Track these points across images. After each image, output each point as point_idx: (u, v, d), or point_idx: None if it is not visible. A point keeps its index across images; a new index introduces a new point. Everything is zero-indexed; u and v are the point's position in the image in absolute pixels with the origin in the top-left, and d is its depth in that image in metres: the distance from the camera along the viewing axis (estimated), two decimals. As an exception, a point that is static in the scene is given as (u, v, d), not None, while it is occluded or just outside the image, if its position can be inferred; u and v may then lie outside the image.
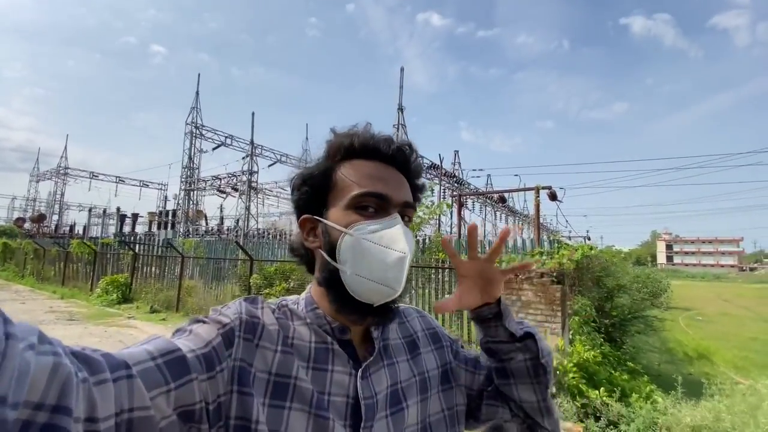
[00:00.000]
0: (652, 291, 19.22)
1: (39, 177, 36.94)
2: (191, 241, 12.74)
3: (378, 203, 0.64)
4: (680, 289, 31.01)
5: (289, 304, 0.68)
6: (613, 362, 6.49)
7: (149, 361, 0.47)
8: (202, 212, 27.36)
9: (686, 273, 65.93)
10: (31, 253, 19.01)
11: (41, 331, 0.36)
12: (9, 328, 0.32)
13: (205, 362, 0.52)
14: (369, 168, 0.66)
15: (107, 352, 0.44)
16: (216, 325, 0.57)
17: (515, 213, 30.45)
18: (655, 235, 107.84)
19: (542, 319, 5.03)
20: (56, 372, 0.35)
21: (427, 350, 0.75)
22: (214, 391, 0.52)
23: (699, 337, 13.78)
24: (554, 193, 11.13)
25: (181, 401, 0.48)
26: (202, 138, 24.15)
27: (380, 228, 0.62)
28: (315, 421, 0.57)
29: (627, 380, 5.59)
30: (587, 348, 5.37)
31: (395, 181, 0.67)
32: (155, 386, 0.46)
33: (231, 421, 0.53)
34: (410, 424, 0.65)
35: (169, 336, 0.56)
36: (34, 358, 0.33)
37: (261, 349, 0.59)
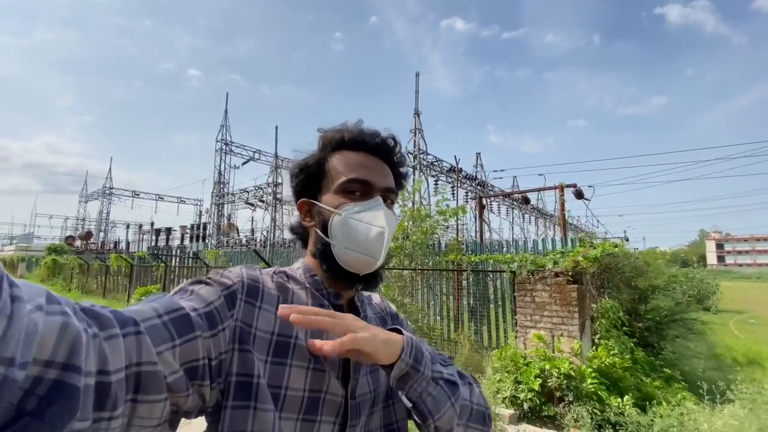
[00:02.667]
0: (698, 293, 18.02)
1: (87, 198, 39.55)
2: (213, 252, 13.18)
3: (363, 188, 0.73)
4: (732, 290, 28.91)
5: (287, 271, 0.76)
6: (646, 369, 6.03)
7: (156, 318, 0.50)
8: (233, 225, 28.25)
9: (740, 273, 61.24)
10: (76, 268, 20.30)
11: (49, 292, 0.37)
12: (15, 291, 0.32)
13: (207, 320, 0.56)
14: (356, 158, 0.75)
15: (115, 309, 0.46)
16: (219, 286, 0.62)
17: (544, 214, 29.44)
18: (704, 234, 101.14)
19: (558, 321, 4.74)
20: (65, 331, 0.36)
21: (391, 325, 0.81)
22: (216, 348, 0.56)
23: (751, 341, 12.62)
24: (580, 191, 10.65)
25: (186, 357, 0.51)
26: (232, 154, 25.09)
27: (364, 209, 0.71)
28: (313, 373, 0.64)
29: (659, 387, 5.17)
30: (613, 353, 5.02)
31: (379, 169, 0.75)
32: (162, 342, 0.49)
33: (231, 378, 0.57)
34: (382, 384, 0.74)
35: (171, 295, 0.59)
36: (42, 318, 0.34)
37: (263, 311, 0.64)
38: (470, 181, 21.81)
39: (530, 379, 4.26)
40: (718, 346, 11.65)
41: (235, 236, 27.25)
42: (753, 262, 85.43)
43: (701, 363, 8.63)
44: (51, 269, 23.60)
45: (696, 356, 9.21)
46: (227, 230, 26.32)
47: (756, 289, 33.58)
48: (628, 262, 7.56)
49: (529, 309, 4.99)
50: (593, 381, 4.09)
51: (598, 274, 6.93)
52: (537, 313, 4.91)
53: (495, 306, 6.68)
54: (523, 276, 5.24)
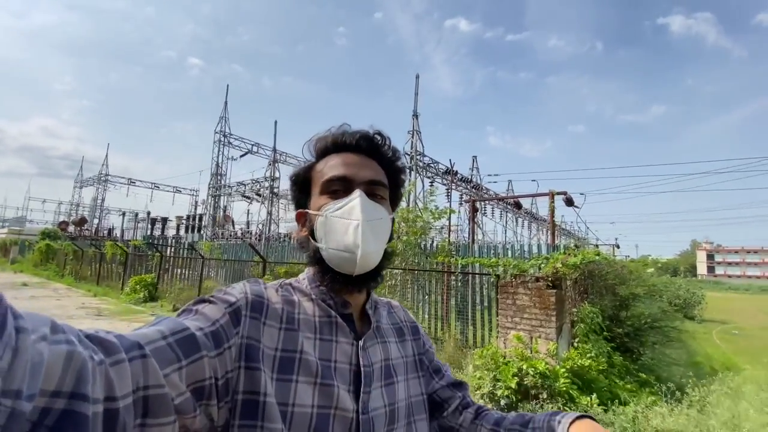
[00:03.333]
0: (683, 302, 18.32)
1: (82, 183, 39.29)
2: (209, 244, 13.32)
3: (343, 185, 0.72)
4: (719, 301, 29.37)
5: (292, 283, 0.76)
6: (622, 372, 6.29)
7: (161, 341, 0.50)
8: (229, 217, 28.34)
9: (729, 285, 61.95)
10: (70, 254, 20.32)
11: (54, 321, 0.37)
12: (19, 323, 0.32)
13: (213, 340, 0.55)
14: (336, 159, 0.75)
15: (120, 334, 0.46)
16: (223, 304, 0.61)
17: (536, 219, 29.79)
18: (695, 244, 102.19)
19: (536, 323, 4.98)
20: (71, 359, 0.36)
21: (409, 338, 0.84)
22: (223, 367, 0.55)
23: (731, 351, 12.98)
24: (570, 198, 10.90)
25: (192, 378, 0.51)
26: (230, 146, 25.13)
27: (342, 204, 0.70)
28: (320, 389, 0.62)
29: (632, 390, 5.42)
30: (589, 356, 5.27)
31: (359, 164, 0.74)
32: (168, 364, 0.48)
33: (238, 396, 0.57)
34: (400, 399, 0.72)
35: (176, 316, 0.59)
36: (47, 348, 0.34)
37: (267, 327, 0.63)
38: (465, 184, 22.05)
39: (508, 377, 4.48)
40: (699, 355, 11.97)
41: (230, 228, 27.35)
42: (742, 273, 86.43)
43: (679, 370, 8.93)
44: (44, 254, 23.57)
45: (675, 363, 9.50)
46: (223, 222, 26.42)
47: (743, 301, 34.11)
48: (611, 270, 7.82)
49: (510, 311, 5.23)
50: (565, 381, 4.33)
51: (582, 280, 7.19)
52: (517, 315, 5.15)
53: (480, 307, 6.92)
54: (506, 279, 5.47)
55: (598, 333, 6.30)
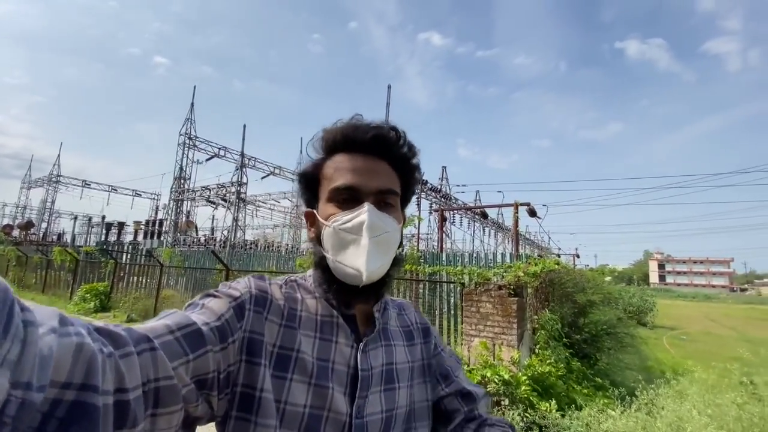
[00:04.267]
0: (637, 309, 19.29)
1: (31, 184, 36.73)
2: (169, 251, 12.74)
3: (350, 194, 0.69)
4: (669, 308, 31.16)
5: (298, 279, 0.75)
6: (579, 377, 6.52)
7: (168, 335, 0.51)
8: (192, 223, 27.29)
9: (678, 293, 65.95)
10: (14, 260, 18.82)
11: (62, 314, 0.38)
12: (27, 315, 0.33)
13: (218, 334, 0.56)
14: (345, 161, 0.70)
15: (129, 327, 0.48)
16: (227, 298, 0.62)
17: (502, 228, 30.65)
18: (648, 254, 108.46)
19: (499, 331, 5.08)
20: (80, 351, 0.36)
21: (418, 342, 0.81)
22: (225, 361, 0.56)
23: (680, 355, 13.77)
24: (533, 209, 11.29)
25: (197, 371, 0.52)
26: (195, 149, 24.31)
27: (350, 219, 0.67)
28: (315, 390, 0.62)
29: (588, 395, 5.62)
30: (549, 362, 5.42)
31: (369, 170, 0.70)
32: (176, 358, 0.49)
33: (237, 388, 0.58)
34: (400, 405, 0.70)
35: (183, 310, 0.59)
36: (56, 341, 0.35)
37: (269, 322, 0.63)
38: (435, 193, 22.39)
39: (471, 384, 4.53)
40: (650, 359, 12.62)
41: (193, 235, 26.33)
42: (690, 282, 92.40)
43: (632, 374, 9.36)
44: (-16, 260, 21.77)
45: (628, 368, 9.96)
46: (185, 228, 25.39)
47: (690, 308, 36.37)
48: (570, 278, 8.14)
49: (475, 319, 5.32)
50: (527, 387, 4.43)
51: (542, 288, 7.43)
52: (481, 323, 5.24)
53: (447, 315, 6.98)
54: (470, 288, 5.56)
55: (557, 339, 6.51)
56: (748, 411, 2.47)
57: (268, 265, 10.40)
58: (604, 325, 8.49)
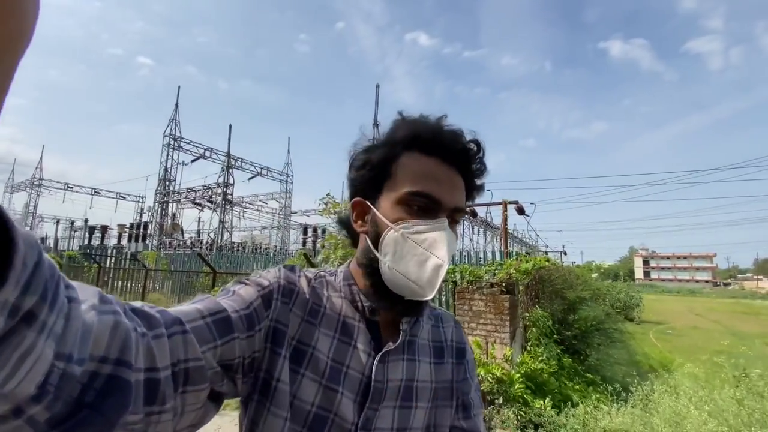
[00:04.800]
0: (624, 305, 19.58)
1: (13, 188, 35.80)
2: (153, 254, 12.49)
3: (428, 204, 0.63)
4: (655, 303, 31.77)
5: (327, 276, 0.72)
6: (570, 373, 6.54)
7: (200, 320, 0.52)
8: (178, 225, 26.83)
9: (662, 288, 67.37)
10: (-8, 266, 18.28)
11: (101, 292, 0.40)
12: (70, 292, 0.34)
13: (246, 322, 0.57)
14: (427, 165, 0.65)
15: (162, 309, 0.49)
16: (257, 287, 0.62)
17: (491, 227, 30.86)
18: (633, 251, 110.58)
19: (491, 328, 5.06)
20: (117, 329, 0.38)
21: (449, 362, 0.74)
22: (251, 347, 0.57)
23: (667, 350, 14.01)
24: (521, 207, 11.35)
25: (224, 356, 0.53)
26: (180, 150, 23.91)
27: (425, 230, 0.62)
28: (324, 391, 0.60)
29: (580, 390, 5.64)
30: (541, 359, 5.42)
31: (451, 183, 0.65)
32: (205, 342, 0.51)
33: (261, 373, 0.59)
34: (415, 427, 0.65)
35: (216, 297, 0.60)
36: (96, 317, 0.37)
37: (293, 314, 0.63)
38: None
39: (464, 383, 4.49)
40: (638, 354, 12.80)
41: (179, 237, 25.88)
42: (674, 277, 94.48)
43: (621, 369, 9.48)
44: (-40, 267, 21.07)
45: (617, 363, 10.08)
46: (171, 230, 24.94)
47: (674, 302, 37.12)
48: (560, 275, 8.19)
49: (467, 317, 5.28)
50: (520, 385, 4.40)
51: (533, 285, 7.45)
52: (474, 321, 5.20)
53: (438, 314, 6.95)
54: (462, 286, 5.53)
55: (549, 336, 6.53)
56: (748, 406, 2.45)
57: (256, 267, 10.25)
58: (593, 321, 8.58)
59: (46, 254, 0.31)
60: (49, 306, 0.30)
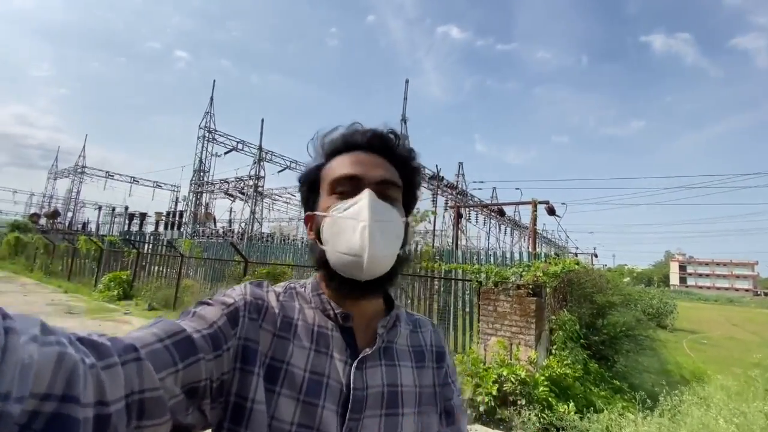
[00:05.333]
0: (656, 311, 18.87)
1: (57, 175, 37.99)
2: (189, 242, 13.03)
3: (352, 184, 0.67)
4: (690, 311, 30.39)
5: (297, 287, 0.72)
6: (596, 379, 6.44)
7: (157, 343, 0.49)
8: (211, 214, 27.81)
9: (699, 295, 64.22)
10: (41, 248, 19.54)
11: (44, 323, 0.37)
12: (8, 323, 0.32)
13: (211, 342, 0.54)
14: (347, 158, 0.69)
15: (114, 337, 0.46)
16: (220, 306, 0.60)
17: (519, 226, 30.30)
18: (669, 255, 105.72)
19: (516, 330, 5.05)
20: (62, 361, 0.35)
21: (430, 366, 0.74)
22: (219, 369, 0.54)
23: (700, 360, 13.43)
24: (552, 208, 11.12)
25: (188, 380, 0.50)
26: (215, 142, 24.69)
27: (350, 204, 0.65)
28: (303, 407, 0.58)
29: (606, 397, 5.55)
30: (566, 363, 5.37)
31: (370, 163, 0.69)
32: (164, 367, 0.47)
33: (231, 397, 0.56)
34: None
35: (175, 319, 0.57)
36: (37, 350, 0.33)
37: (263, 330, 0.61)
38: (451, 190, 22.24)
39: (489, 383, 4.53)
40: (670, 363, 12.35)
41: (212, 226, 26.84)
42: (712, 285, 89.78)
43: (651, 377, 9.19)
44: (13, 247, 22.60)
45: (646, 371, 9.78)
46: (204, 219, 25.89)
47: (711, 311, 35.37)
48: (589, 279, 8.02)
49: (491, 317, 5.29)
50: (544, 388, 4.40)
51: (561, 288, 7.34)
52: (498, 322, 5.21)
53: (462, 313, 6.98)
54: (488, 286, 5.54)
55: (575, 341, 6.44)
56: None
57: (285, 258, 10.54)
58: (623, 327, 8.35)
59: None
60: None
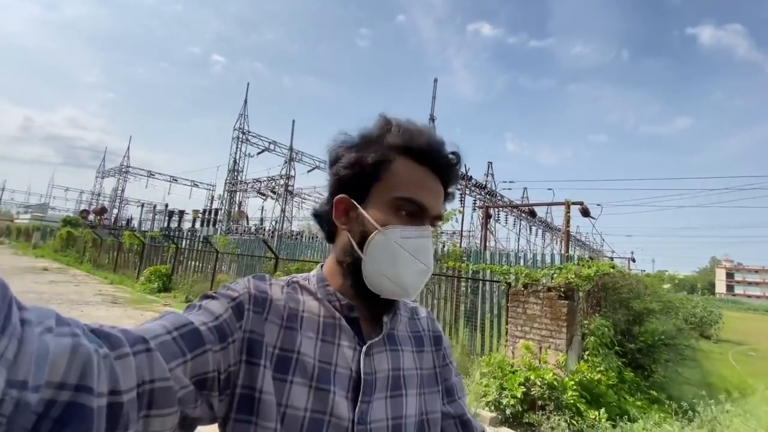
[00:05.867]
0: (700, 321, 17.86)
1: (104, 174, 40.40)
2: (224, 238, 13.54)
3: (416, 210, 0.66)
4: (737, 321, 28.53)
5: (300, 281, 0.72)
6: (632, 388, 6.19)
7: (165, 335, 0.50)
8: (243, 213, 28.73)
9: (748, 305, 60.09)
10: (90, 242, 20.92)
11: (58, 314, 0.38)
12: (24, 314, 0.33)
13: (217, 334, 0.55)
14: (419, 174, 0.67)
15: (125, 328, 0.47)
16: (225, 299, 0.60)
17: (551, 228, 29.41)
18: (715, 261, 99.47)
19: (546, 334, 4.94)
20: (76, 352, 0.36)
21: (429, 349, 0.77)
22: (226, 361, 0.55)
23: (747, 373, 12.59)
24: (586, 209, 10.75)
25: (196, 371, 0.51)
26: (248, 143, 25.50)
27: (413, 236, 0.64)
28: (315, 393, 0.59)
29: (642, 407, 5.34)
30: (599, 370, 5.20)
31: (436, 193, 0.68)
32: (173, 358, 0.48)
33: (237, 389, 0.57)
34: (409, 414, 0.67)
35: (181, 312, 0.59)
36: (52, 340, 0.35)
37: (269, 323, 0.62)
38: (480, 190, 21.91)
39: (514, 386, 4.46)
40: (713, 375, 11.66)
41: (244, 224, 27.73)
42: (763, 294, 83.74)
43: (692, 390, 8.72)
44: (65, 241, 24.30)
45: (687, 382, 9.28)
46: (237, 217, 26.79)
47: (762, 322, 33.04)
48: (626, 284, 7.70)
49: (521, 320, 5.20)
50: (574, 393, 4.29)
51: (595, 293, 7.10)
52: (527, 325, 5.11)
53: (490, 315, 6.89)
54: (517, 288, 5.44)
55: (609, 347, 6.21)
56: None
57: (313, 255, 10.76)
58: (662, 335, 7.97)
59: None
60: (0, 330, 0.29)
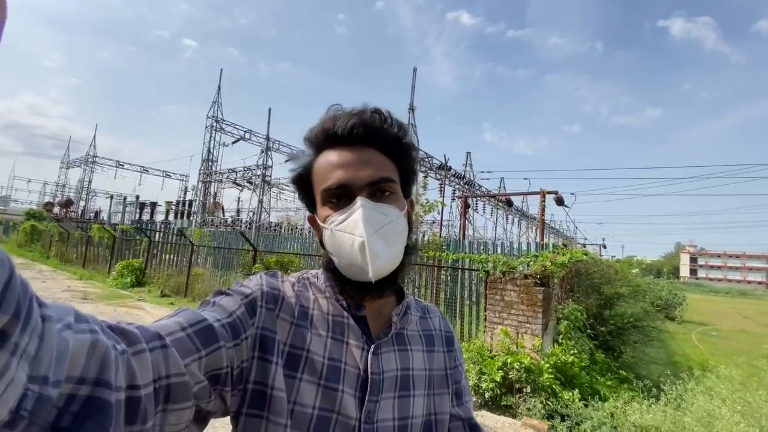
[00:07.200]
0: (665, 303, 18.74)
1: (69, 164, 38.52)
2: (199, 231, 13.22)
3: (342, 192, 0.65)
4: (700, 303, 30.10)
5: (310, 277, 0.73)
6: (603, 369, 6.47)
7: (180, 332, 0.51)
8: (219, 204, 28.07)
9: (710, 287, 63.42)
10: (56, 236, 20.02)
11: (77, 311, 0.39)
12: (44, 311, 0.33)
13: (231, 330, 0.56)
14: (331, 158, 0.66)
15: (141, 325, 0.48)
16: (239, 296, 0.61)
17: (527, 216, 30.12)
18: (679, 247, 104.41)
19: (523, 319, 5.08)
20: (95, 348, 0.37)
21: (440, 350, 0.77)
22: (239, 357, 0.56)
23: (709, 352, 13.36)
24: (561, 198, 11.04)
25: (210, 367, 0.52)
26: (222, 132, 24.77)
27: (344, 218, 0.64)
28: (324, 392, 0.60)
29: (611, 387, 5.59)
30: (572, 352, 5.40)
31: (357, 161, 0.65)
32: (188, 354, 0.50)
33: (249, 385, 0.58)
34: (416, 415, 0.67)
35: (187, 306, 0.60)
36: (72, 336, 0.36)
37: (281, 320, 0.63)
38: (458, 180, 22.14)
39: (493, 370, 4.58)
40: (677, 354, 12.31)
41: (220, 216, 27.12)
42: (724, 277, 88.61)
43: (658, 368, 9.19)
44: (29, 235, 23.17)
45: (653, 362, 9.77)
46: (213, 209, 26.15)
47: (723, 304, 34.99)
48: (597, 269, 8.01)
49: (498, 307, 5.33)
50: (549, 376, 4.44)
51: (569, 279, 7.34)
52: (505, 311, 5.25)
53: (469, 302, 7.03)
54: (495, 276, 5.56)
55: (581, 330, 6.47)
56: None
57: (292, 247, 10.67)
58: (630, 318, 8.35)
59: (18, 272, 0.30)
60: (21, 326, 0.29)
